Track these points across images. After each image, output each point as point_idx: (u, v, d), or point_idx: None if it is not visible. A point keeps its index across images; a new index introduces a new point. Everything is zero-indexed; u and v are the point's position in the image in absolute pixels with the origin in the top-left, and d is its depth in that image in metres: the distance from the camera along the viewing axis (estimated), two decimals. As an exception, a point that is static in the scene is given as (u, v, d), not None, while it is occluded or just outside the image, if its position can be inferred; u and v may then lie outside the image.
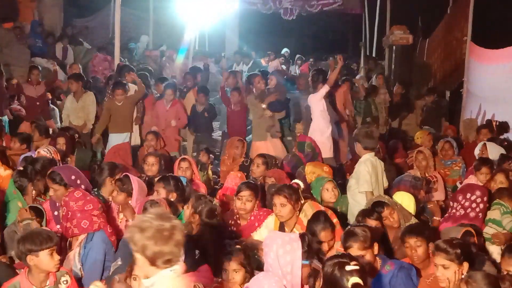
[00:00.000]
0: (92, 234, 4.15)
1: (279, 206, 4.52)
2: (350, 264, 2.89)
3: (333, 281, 2.89)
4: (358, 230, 3.66)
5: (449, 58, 13.04)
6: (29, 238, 3.56)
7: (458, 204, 4.94)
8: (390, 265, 3.69)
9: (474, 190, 4.95)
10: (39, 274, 3.57)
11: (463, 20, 11.39)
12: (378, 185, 5.35)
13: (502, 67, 9.50)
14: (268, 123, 8.40)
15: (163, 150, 7.53)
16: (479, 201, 4.89)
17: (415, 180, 5.78)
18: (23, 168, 5.15)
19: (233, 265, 3.65)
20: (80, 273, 4.11)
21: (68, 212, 4.17)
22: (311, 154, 7.13)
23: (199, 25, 14.46)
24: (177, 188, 4.88)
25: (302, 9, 16.26)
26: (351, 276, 2.82)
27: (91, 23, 16.41)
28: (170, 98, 8.78)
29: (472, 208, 4.87)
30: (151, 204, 4.26)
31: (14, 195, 4.95)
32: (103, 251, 4.15)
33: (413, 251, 3.93)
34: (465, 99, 10.44)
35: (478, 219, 4.85)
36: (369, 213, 4.49)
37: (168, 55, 14.39)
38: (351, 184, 5.42)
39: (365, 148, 5.31)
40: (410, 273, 3.74)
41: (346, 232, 3.74)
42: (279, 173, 5.82)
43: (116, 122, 8.48)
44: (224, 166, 7.48)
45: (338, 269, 2.88)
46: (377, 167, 5.37)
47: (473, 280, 3.16)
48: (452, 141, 7.27)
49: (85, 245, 4.13)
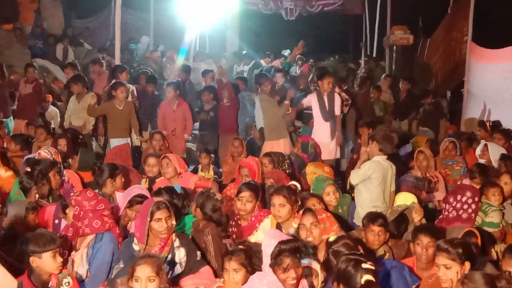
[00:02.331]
0: (101, 235, 4.16)
1: (278, 206, 4.51)
2: (367, 263, 2.96)
3: (346, 277, 2.97)
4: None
5: (449, 58, 13.05)
6: (32, 239, 3.57)
7: (450, 206, 4.91)
8: (380, 266, 3.67)
9: (465, 191, 4.92)
10: (41, 275, 3.57)
11: (464, 20, 11.40)
12: (385, 188, 5.33)
13: (502, 67, 9.51)
14: (283, 121, 8.12)
15: (167, 151, 7.51)
16: (470, 202, 4.87)
17: (416, 180, 5.78)
18: (30, 170, 5.15)
19: (233, 265, 3.66)
20: (86, 274, 4.11)
21: (81, 211, 4.18)
22: (313, 154, 7.16)
23: (199, 26, 14.46)
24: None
25: (302, 10, 16.28)
26: (366, 274, 2.89)
27: (92, 24, 16.44)
28: (171, 95, 8.55)
29: (464, 210, 4.85)
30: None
31: (17, 196, 4.96)
32: (112, 251, 4.15)
33: (424, 250, 3.92)
34: (466, 99, 10.44)
35: (471, 220, 4.84)
36: (374, 219, 4.38)
37: (168, 56, 14.39)
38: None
39: (380, 150, 5.27)
40: (402, 272, 3.74)
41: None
42: (278, 174, 5.81)
43: (115, 127, 8.26)
44: (225, 167, 7.50)
45: (353, 266, 2.96)
46: (387, 170, 5.32)
47: (469, 280, 3.15)
48: (456, 141, 7.25)
49: (94, 245, 4.13)
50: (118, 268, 3.96)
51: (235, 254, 3.70)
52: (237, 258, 3.67)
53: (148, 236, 3.99)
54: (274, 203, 4.53)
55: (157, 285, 3.37)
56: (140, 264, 3.38)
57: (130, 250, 4.03)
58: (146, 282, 3.35)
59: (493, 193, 5.32)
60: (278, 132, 8.04)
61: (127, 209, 4.75)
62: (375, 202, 5.22)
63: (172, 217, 4.04)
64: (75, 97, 8.69)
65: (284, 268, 3.27)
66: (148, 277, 3.35)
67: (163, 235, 3.98)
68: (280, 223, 4.58)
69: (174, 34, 15.62)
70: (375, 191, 5.25)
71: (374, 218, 4.36)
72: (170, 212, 4.03)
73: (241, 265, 3.66)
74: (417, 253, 3.99)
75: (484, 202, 5.25)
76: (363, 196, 5.31)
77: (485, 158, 6.77)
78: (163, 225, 3.96)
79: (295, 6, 16.16)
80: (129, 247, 4.06)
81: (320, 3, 16.19)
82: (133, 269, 3.39)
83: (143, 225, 3.97)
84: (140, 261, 3.41)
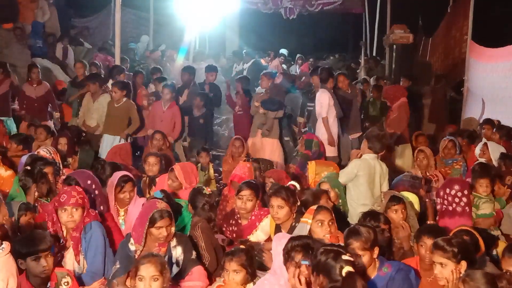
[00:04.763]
0: (89, 225, 4.18)
1: (277, 208, 4.49)
2: (346, 254, 3.01)
3: (326, 269, 2.99)
4: (363, 230, 3.60)
5: (449, 56, 13.05)
6: (17, 242, 3.53)
7: (442, 199, 5.08)
8: (388, 267, 3.65)
9: (453, 185, 5.06)
10: (33, 277, 3.53)
11: (463, 19, 11.39)
12: (374, 187, 5.39)
13: (502, 66, 9.50)
14: (260, 120, 8.51)
15: (167, 151, 7.51)
16: (460, 195, 4.99)
17: (413, 179, 5.80)
18: (30, 168, 5.16)
19: (233, 266, 3.65)
20: (84, 268, 4.13)
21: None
22: (318, 152, 7.18)
23: (199, 25, 14.45)
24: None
25: (302, 9, 16.29)
26: (346, 265, 2.92)
27: (92, 23, 16.42)
28: (167, 97, 8.55)
29: (457, 203, 4.98)
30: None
31: (17, 194, 4.96)
32: (103, 236, 4.20)
33: (427, 252, 3.88)
34: (466, 97, 10.43)
35: (466, 213, 4.97)
36: (375, 216, 4.37)
37: (168, 55, 14.39)
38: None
39: (369, 148, 5.45)
40: (408, 275, 3.71)
41: (350, 229, 3.72)
42: (279, 173, 5.81)
43: (109, 123, 8.29)
44: (225, 166, 7.51)
45: (333, 258, 2.98)
46: (375, 168, 5.43)
47: (471, 278, 3.14)
48: (455, 140, 7.26)
49: (85, 236, 4.15)
50: (114, 268, 3.96)
51: (236, 255, 3.68)
52: (238, 259, 3.66)
53: (146, 238, 3.99)
54: (273, 204, 4.51)
55: (160, 284, 3.37)
56: (144, 263, 3.38)
57: (126, 251, 4.03)
58: (150, 281, 3.35)
59: (481, 184, 5.43)
60: (256, 130, 8.49)
61: (118, 194, 4.82)
62: (364, 200, 5.32)
63: (172, 224, 4.04)
64: (90, 95, 8.63)
65: (297, 263, 3.28)
66: (152, 276, 3.35)
67: (161, 241, 3.99)
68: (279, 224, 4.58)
69: (173, 33, 15.62)
70: (362, 189, 5.37)
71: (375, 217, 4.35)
72: (171, 220, 4.03)
73: (241, 266, 3.65)
74: (421, 254, 3.97)
75: (474, 195, 5.38)
76: (352, 194, 5.42)
77: (485, 157, 6.75)
78: (163, 233, 3.96)
79: (295, 5, 16.17)
80: (126, 247, 4.06)
81: (320, 2, 16.20)
82: (137, 268, 3.39)
83: (142, 227, 3.96)
84: (144, 260, 3.41)
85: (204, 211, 4.64)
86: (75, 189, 4.25)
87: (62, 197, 4.15)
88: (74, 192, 4.18)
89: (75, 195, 4.16)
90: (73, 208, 4.13)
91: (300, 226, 4.21)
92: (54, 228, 4.17)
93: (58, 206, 4.16)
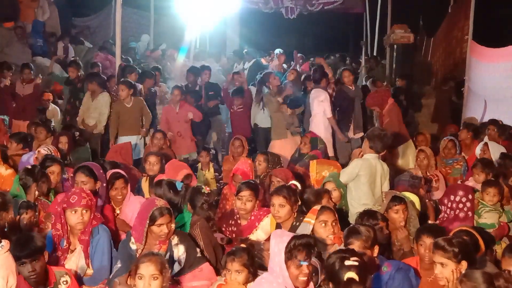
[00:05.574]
0: (97, 228, 4.18)
1: (278, 207, 4.49)
2: (350, 259, 3.00)
3: (333, 273, 3.05)
4: (362, 229, 3.64)
5: (450, 57, 13.04)
6: (12, 246, 3.51)
7: (446, 207, 5.02)
8: (388, 266, 3.66)
9: (457, 191, 5.02)
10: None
11: (464, 19, 11.38)
12: (375, 187, 5.38)
13: (503, 66, 9.49)
14: (288, 120, 8.52)
15: (168, 150, 7.51)
16: (464, 201, 4.95)
17: (412, 179, 5.79)
18: (30, 167, 5.16)
19: (235, 266, 3.64)
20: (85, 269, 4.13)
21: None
22: (324, 149, 7.21)
23: (200, 24, 14.44)
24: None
25: (303, 8, 16.24)
26: (349, 271, 2.94)
27: (92, 23, 16.42)
28: (177, 98, 8.65)
29: (460, 209, 4.94)
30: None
31: (17, 192, 4.96)
32: (109, 240, 4.21)
33: (427, 251, 3.89)
34: (466, 97, 10.43)
35: (468, 218, 4.91)
36: (372, 215, 4.40)
37: (169, 54, 14.38)
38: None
39: (371, 147, 5.42)
40: (408, 274, 3.72)
41: (350, 229, 3.73)
42: (286, 173, 5.78)
43: (124, 125, 8.30)
44: (226, 165, 7.50)
45: (339, 262, 3.02)
46: (376, 168, 5.40)
47: (468, 278, 3.14)
48: (455, 140, 7.25)
49: (92, 240, 4.14)
50: (116, 267, 3.97)
51: (237, 255, 3.66)
52: (240, 259, 3.65)
53: (146, 237, 3.99)
54: (274, 203, 4.52)
55: (160, 283, 3.37)
56: (144, 262, 3.38)
57: (127, 249, 4.03)
58: (149, 280, 3.35)
59: (488, 192, 5.25)
60: (284, 131, 8.53)
61: (110, 192, 4.88)
62: (365, 200, 5.29)
63: (172, 221, 4.05)
64: (89, 95, 8.63)
65: (298, 262, 3.28)
66: (152, 275, 3.35)
67: (162, 238, 3.99)
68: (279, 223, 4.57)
69: (174, 32, 15.61)
70: (364, 188, 5.33)
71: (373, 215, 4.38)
72: (171, 216, 4.03)
73: (243, 266, 3.64)
74: (420, 253, 3.97)
75: (480, 202, 5.25)
76: (353, 194, 5.39)
77: (485, 157, 6.75)
78: (164, 230, 3.96)
79: (296, 4, 16.12)
80: (127, 246, 4.05)
81: (321, 1, 16.15)
82: (137, 266, 3.39)
83: (142, 226, 3.97)
84: (144, 259, 3.41)
85: (203, 210, 4.64)
86: (83, 191, 4.23)
87: (72, 198, 4.09)
88: (84, 194, 4.16)
89: (85, 197, 4.13)
90: (83, 210, 4.09)
91: (303, 226, 4.22)
92: (58, 231, 4.13)
93: (68, 207, 4.09)
